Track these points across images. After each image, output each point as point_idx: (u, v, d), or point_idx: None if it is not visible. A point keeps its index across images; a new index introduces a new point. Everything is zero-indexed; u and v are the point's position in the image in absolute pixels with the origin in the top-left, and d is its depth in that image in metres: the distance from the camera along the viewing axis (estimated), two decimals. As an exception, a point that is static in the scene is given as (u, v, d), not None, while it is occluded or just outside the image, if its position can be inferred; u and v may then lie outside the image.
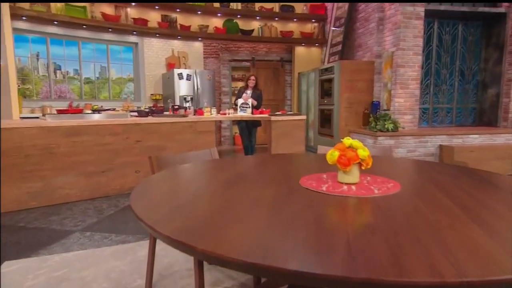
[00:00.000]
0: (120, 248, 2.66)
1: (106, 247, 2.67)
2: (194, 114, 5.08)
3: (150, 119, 4.41)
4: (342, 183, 1.43)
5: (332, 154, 1.42)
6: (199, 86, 6.85)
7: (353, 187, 1.38)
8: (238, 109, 5.45)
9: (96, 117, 4.37)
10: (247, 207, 1.16)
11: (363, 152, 1.40)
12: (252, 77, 5.72)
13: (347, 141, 1.43)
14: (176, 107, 5.29)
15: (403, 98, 5.72)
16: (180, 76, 6.70)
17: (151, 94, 7.17)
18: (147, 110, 5.00)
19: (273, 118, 4.88)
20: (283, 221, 1.03)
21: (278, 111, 5.69)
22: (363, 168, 1.42)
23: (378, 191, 1.32)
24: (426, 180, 1.55)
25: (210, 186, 1.47)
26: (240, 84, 7.83)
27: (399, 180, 1.51)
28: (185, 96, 6.64)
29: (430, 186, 1.44)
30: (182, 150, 4.54)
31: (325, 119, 6.69)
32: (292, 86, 8.45)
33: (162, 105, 6.71)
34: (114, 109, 5.46)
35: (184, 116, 4.72)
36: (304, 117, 5.20)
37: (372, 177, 1.55)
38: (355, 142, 1.42)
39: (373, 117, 5.54)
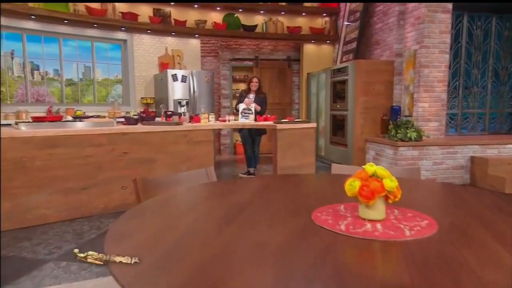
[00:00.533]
0: (101, 282, 2.55)
1: (84, 281, 2.56)
2: (190, 121, 5.03)
3: (139, 128, 4.34)
4: (364, 219, 1.31)
5: (352, 185, 1.30)
6: (195, 89, 6.80)
7: (379, 225, 1.26)
8: (240, 115, 5.41)
9: (79, 125, 4.29)
10: (249, 255, 1.05)
11: (391, 183, 1.28)
12: (255, 80, 5.71)
13: (370, 168, 1.31)
14: (170, 113, 5.25)
15: (428, 103, 5.62)
16: (174, 77, 6.65)
17: (142, 98, 7.12)
18: (136, 116, 4.95)
19: (278, 126, 4.81)
20: (293, 278, 0.91)
21: (285, 118, 5.62)
22: (390, 202, 1.30)
23: (410, 233, 1.20)
24: (468, 216, 1.43)
25: (203, 224, 1.35)
26: (242, 86, 7.80)
27: (433, 214, 1.38)
28: (179, 100, 6.60)
29: (474, 225, 1.31)
30: (175, 163, 4.45)
31: (338, 126, 6.61)
32: (300, 89, 8.39)
33: (154, 110, 6.66)
34: (98, 116, 5.38)
35: (178, 124, 4.66)
36: (314, 125, 5.14)
37: (401, 210, 1.43)
38: (381, 170, 1.31)
39: (393, 124, 5.45)
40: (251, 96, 5.66)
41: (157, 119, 5.19)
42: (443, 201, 1.73)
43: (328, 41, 8.01)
